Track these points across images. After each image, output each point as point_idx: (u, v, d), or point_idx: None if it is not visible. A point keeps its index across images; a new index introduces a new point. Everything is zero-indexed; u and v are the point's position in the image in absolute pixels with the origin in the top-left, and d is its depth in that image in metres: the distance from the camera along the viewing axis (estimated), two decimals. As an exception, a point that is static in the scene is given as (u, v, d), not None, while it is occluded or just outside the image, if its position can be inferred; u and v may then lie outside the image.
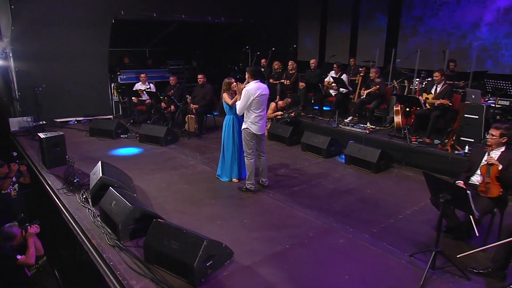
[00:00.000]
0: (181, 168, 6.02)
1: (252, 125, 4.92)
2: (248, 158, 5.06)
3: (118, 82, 9.61)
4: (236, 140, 5.34)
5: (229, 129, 5.33)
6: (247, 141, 4.99)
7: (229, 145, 5.37)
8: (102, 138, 7.64)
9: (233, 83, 5.30)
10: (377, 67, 7.48)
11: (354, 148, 6.23)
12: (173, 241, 3.37)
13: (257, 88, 4.81)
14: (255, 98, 4.78)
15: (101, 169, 4.84)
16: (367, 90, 7.43)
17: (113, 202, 4.12)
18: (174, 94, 8.19)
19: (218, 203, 4.80)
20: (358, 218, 4.46)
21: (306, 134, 7.05)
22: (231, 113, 5.32)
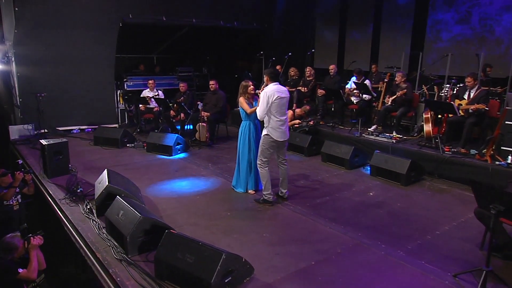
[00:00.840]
0: (192, 178, 5.95)
1: (274, 131, 4.82)
2: (262, 167, 4.95)
3: (125, 89, 9.64)
4: (252, 148, 5.25)
5: (245, 136, 5.25)
6: (265, 149, 4.89)
7: (244, 153, 5.27)
8: (107, 147, 7.60)
9: (251, 86, 5.23)
10: (403, 71, 7.35)
11: (380, 158, 6.07)
12: (188, 255, 3.22)
13: (276, 91, 4.74)
14: (274, 101, 4.71)
15: (107, 177, 4.75)
16: (392, 97, 7.29)
17: (121, 212, 4.00)
18: (184, 101, 8.16)
19: (234, 216, 4.69)
20: (389, 233, 4.27)
21: (326, 143, 6.92)
22: (247, 119, 5.25)
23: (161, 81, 9.88)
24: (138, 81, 9.83)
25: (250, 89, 5.23)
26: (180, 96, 8.51)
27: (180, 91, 8.64)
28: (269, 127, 4.82)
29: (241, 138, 5.28)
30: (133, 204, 4.08)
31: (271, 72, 4.87)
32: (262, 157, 4.92)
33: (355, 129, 7.65)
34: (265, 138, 4.87)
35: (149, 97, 8.79)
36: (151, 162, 6.74)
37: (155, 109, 8.78)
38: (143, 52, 11.58)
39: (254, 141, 5.23)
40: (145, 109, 8.84)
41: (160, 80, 9.80)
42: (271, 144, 4.85)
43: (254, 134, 5.24)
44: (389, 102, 7.37)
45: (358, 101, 8.27)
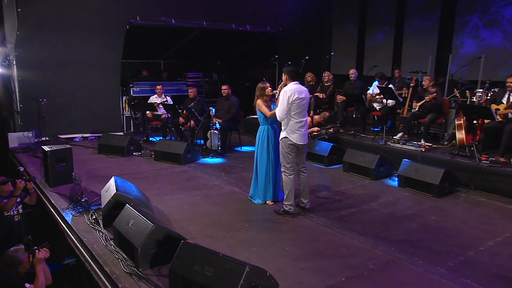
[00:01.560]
0: (205, 188, 5.86)
1: (292, 133, 4.72)
2: (286, 174, 4.82)
3: (131, 95, 9.63)
4: (271, 155, 5.15)
5: (263, 141, 5.16)
6: (285, 153, 4.77)
7: (263, 160, 5.17)
8: (112, 156, 7.56)
9: (268, 87, 5.15)
10: (430, 75, 7.23)
11: (410, 167, 5.92)
12: (207, 267, 3.07)
13: (296, 91, 4.66)
14: (294, 102, 4.62)
15: (115, 185, 4.66)
16: (420, 102, 7.16)
17: (131, 221, 3.88)
18: (195, 107, 8.11)
19: (252, 227, 4.57)
20: (426, 248, 4.11)
21: (349, 152, 6.80)
22: (265, 123, 5.16)
23: (169, 87, 9.88)
24: (145, 87, 9.84)
25: (268, 91, 5.14)
26: (190, 102, 8.47)
27: (190, 97, 8.62)
28: (287, 129, 4.73)
29: (259, 144, 5.18)
30: (144, 213, 3.97)
31: (290, 70, 4.78)
32: (285, 162, 4.80)
33: (379, 137, 7.51)
34: (283, 142, 4.77)
35: (157, 103, 8.76)
36: (159, 171, 6.67)
37: (163, 116, 8.75)
38: (149, 57, 11.62)
39: (273, 147, 5.13)
40: (152, 116, 8.81)
41: (168, 86, 9.80)
42: (291, 147, 4.75)
43: (273, 139, 5.13)
44: (417, 108, 7.24)
45: (381, 107, 8.14)
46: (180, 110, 8.26)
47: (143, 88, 9.83)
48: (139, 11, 9.06)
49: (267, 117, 5.07)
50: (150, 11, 9.22)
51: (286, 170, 4.82)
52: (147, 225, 3.67)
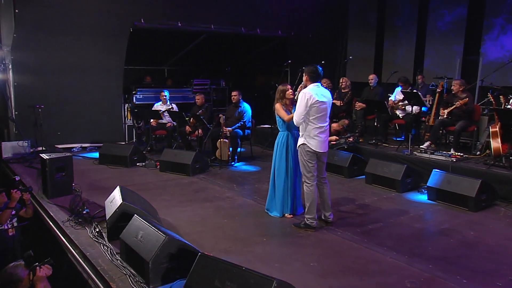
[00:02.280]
0: (216, 200, 5.78)
1: (311, 139, 4.62)
2: (308, 185, 4.71)
3: (134, 102, 9.60)
4: (290, 163, 5.05)
5: (282, 149, 5.06)
6: (305, 161, 4.67)
7: (281, 170, 5.07)
8: (114, 166, 7.49)
9: (289, 90, 5.08)
10: (461, 79, 7.13)
11: (441, 178, 5.79)
12: (229, 282, 2.94)
13: (316, 93, 4.58)
14: (313, 105, 4.53)
15: (120, 195, 4.55)
16: (448, 109, 7.04)
17: (140, 233, 3.76)
18: (203, 114, 8.04)
19: (271, 242, 4.47)
20: (468, 266, 3.96)
21: (372, 162, 6.68)
22: (284, 128, 5.08)
23: (174, 94, 9.81)
24: (149, 94, 9.81)
25: (289, 93, 5.07)
26: (198, 109, 8.41)
27: (197, 104, 8.58)
28: (305, 135, 4.65)
29: (277, 152, 5.09)
30: (154, 224, 3.85)
31: (311, 70, 4.69)
32: (305, 171, 4.69)
33: (403, 147, 7.40)
34: (302, 149, 4.67)
35: (162, 111, 8.72)
36: (166, 183, 6.61)
37: (168, 124, 8.70)
38: (153, 64, 11.63)
39: (293, 155, 5.02)
40: (156, 125, 8.75)
41: (173, 93, 9.71)
42: (310, 155, 4.64)
43: (293, 147, 5.03)
44: (445, 114, 7.12)
45: (404, 115, 8.03)
46: (187, 118, 8.18)
47: (147, 95, 9.80)
48: (144, 14, 9.08)
49: (285, 121, 4.99)
50: (155, 13, 9.25)
51: (307, 180, 4.70)
52: (159, 237, 3.54)
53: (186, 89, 10.60)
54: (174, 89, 10.26)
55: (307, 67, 4.74)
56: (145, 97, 9.77)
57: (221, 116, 7.48)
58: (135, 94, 9.70)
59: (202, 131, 8.02)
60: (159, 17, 9.30)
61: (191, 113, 8.32)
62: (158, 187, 6.35)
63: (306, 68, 4.73)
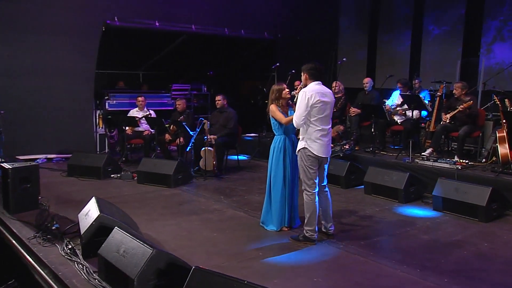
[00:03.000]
0: (203, 212, 5.66)
1: (312, 143, 4.55)
2: (308, 193, 4.62)
3: (106, 108, 9.38)
4: (287, 171, 4.96)
5: (278, 155, 4.96)
6: (306, 167, 4.58)
7: (278, 178, 4.95)
8: (85, 178, 7.27)
9: (285, 89, 5.02)
10: (462, 82, 7.20)
11: (448, 187, 5.79)
12: (229, 299, 2.77)
13: (318, 92, 4.52)
14: (315, 105, 4.48)
15: (97, 206, 4.37)
16: (451, 113, 7.09)
17: (122, 247, 3.57)
18: (184, 121, 7.91)
19: (268, 256, 4.33)
20: (486, 280, 3.92)
21: (371, 170, 6.67)
22: (281, 132, 5.01)
23: (151, 99, 9.63)
24: (123, 99, 9.61)
25: (285, 93, 5.00)
26: (178, 115, 8.30)
27: (178, 110, 8.48)
28: (306, 138, 4.57)
29: (273, 158, 4.99)
30: (139, 236, 3.66)
31: (311, 68, 4.64)
32: (306, 179, 4.60)
33: (404, 155, 7.40)
34: (302, 153, 4.59)
35: (139, 117, 8.56)
36: (145, 195, 6.45)
37: (145, 132, 8.56)
38: (126, 68, 11.45)
39: (291, 161, 4.94)
40: (132, 133, 8.58)
41: (149, 98, 9.54)
42: (311, 160, 4.56)
43: (290, 152, 4.95)
44: (447, 119, 7.16)
45: (403, 120, 8.06)
46: (167, 125, 8.04)
47: (121, 100, 9.58)
48: (117, 11, 8.95)
49: (283, 124, 4.91)
50: (130, 11, 9.14)
51: (308, 188, 4.61)
52: (145, 250, 3.36)
53: (164, 95, 10.44)
54: (152, 94, 10.10)
55: (306, 64, 4.69)
56: (119, 102, 9.56)
57: (205, 122, 7.34)
58: (107, 99, 9.48)
59: (183, 139, 7.88)
60: (134, 15, 9.18)
61: (171, 120, 8.20)
62: (137, 200, 6.18)
63: (305, 65, 4.68)
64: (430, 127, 7.78)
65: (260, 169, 8.21)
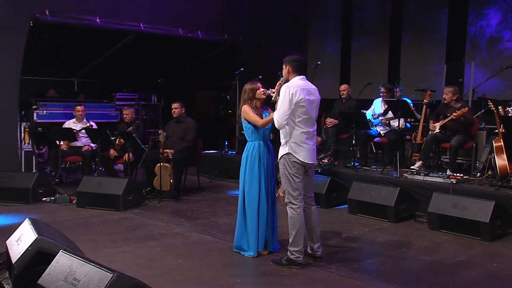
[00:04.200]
0: (162, 237, 5.51)
1: (298, 147, 4.48)
2: (294, 206, 4.51)
3: (34, 120, 8.99)
4: (264, 183, 4.86)
5: (252, 164, 4.87)
6: (290, 176, 4.49)
7: (253, 192, 4.84)
8: (9, 203, 6.91)
9: (259, 88, 4.95)
10: (453, 86, 7.38)
11: (444, 203, 5.85)
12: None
13: (302, 88, 4.48)
14: (300, 103, 4.44)
15: (32, 228, 4.06)
16: (442, 121, 7.24)
17: (72, 274, 3.28)
18: (135, 133, 7.69)
19: (247, 284, 4.25)
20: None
21: (355, 186, 6.71)
22: (255, 137, 4.93)
23: (91, 110, 9.32)
24: (56, 110, 9.26)
25: (259, 93, 4.93)
26: (126, 127, 8.09)
27: (125, 121, 8.30)
28: (290, 142, 4.50)
29: (247, 168, 4.89)
30: (91, 260, 3.39)
31: (295, 59, 4.59)
32: (291, 189, 4.50)
33: (391, 169, 7.48)
34: (286, 160, 4.51)
35: (77, 130, 8.31)
36: (89, 220, 6.21)
37: (84, 148, 8.31)
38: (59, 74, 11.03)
39: (267, 172, 4.87)
40: (67, 149, 8.30)
41: (90, 109, 9.22)
42: (297, 167, 4.48)
43: (266, 161, 4.88)
44: (436, 128, 7.30)
45: (386, 131, 8.16)
46: (113, 138, 7.82)
47: (53, 111, 9.19)
48: (49, 3, 8.62)
49: (259, 126, 4.83)
50: (66, 3, 8.84)
51: (293, 200, 4.51)
52: (103, 275, 3.09)
53: (106, 105, 10.20)
54: (91, 104, 9.78)
55: (288, 56, 4.65)
56: (51, 113, 9.18)
57: (160, 132, 7.13)
58: (36, 109, 9.07)
59: (133, 155, 7.67)
60: (70, 9, 8.87)
61: (118, 131, 7.97)
62: (79, 226, 5.92)
63: (287, 57, 4.65)
64: (417, 138, 7.90)
65: (224, 189, 8.24)
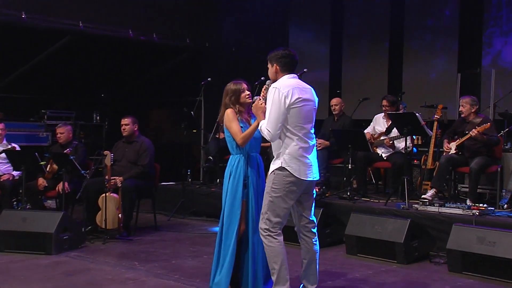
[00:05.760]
0: (110, 284, 5.49)
1: (293, 160, 4.47)
2: (271, 236, 4.49)
3: None
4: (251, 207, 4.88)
5: (236, 182, 4.87)
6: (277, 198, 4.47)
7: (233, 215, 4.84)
8: None
9: (245, 90, 5.01)
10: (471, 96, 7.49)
11: (467, 237, 5.83)
12: None
13: (296, 87, 4.53)
14: (294, 106, 4.45)
15: None
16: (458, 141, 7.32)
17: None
18: (73, 155, 7.62)
19: None
20: None
21: (355, 219, 6.72)
22: (239, 150, 4.93)
23: (12, 130, 9.36)
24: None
25: (244, 96, 4.98)
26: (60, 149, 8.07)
27: (59, 142, 8.28)
28: (283, 155, 4.49)
29: (229, 188, 4.89)
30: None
31: (283, 55, 4.63)
32: (271, 214, 4.47)
33: (396, 200, 7.50)
34: (278, 177, 4.48)
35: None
36: (9, 266, 6.16)
37: (3, 177, 8.24)
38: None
39: (255, 191, 4.89)
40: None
41: (11, 129, 9.25)
42: (289, 187, 4.46)
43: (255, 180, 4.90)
44: (452, 148, 7.38)
45: (390, 154, 8.18)
46: (43, 162, 7.74)
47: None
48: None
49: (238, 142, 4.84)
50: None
51: (271, 228, 4.48)
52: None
53: (34, 124, 10.26)
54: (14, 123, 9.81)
55: (274, 52, 4.70)
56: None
57: (106, 153, 7.10)
58: None
59: (69, 185, 7.59)
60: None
61: (50, 154, 7.95)
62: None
63: (273, 53, 4.69)
64: (428, 163, 7.97)
65: (188, 228, 8.24)
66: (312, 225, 4.76)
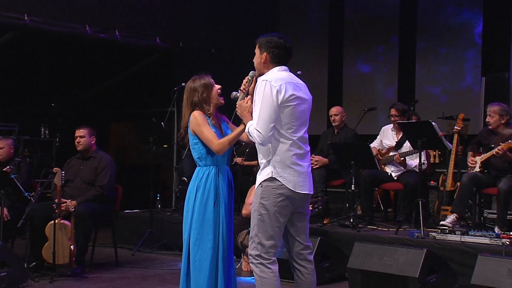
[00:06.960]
0: None
1: (286, 170, 4.46)
2: (264, 263, 4.47)
3: None
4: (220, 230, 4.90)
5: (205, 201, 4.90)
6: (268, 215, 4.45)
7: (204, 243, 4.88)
8: None
9: (214, 84, 5.10)
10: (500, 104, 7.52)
11: (495, 269, 5.77)
12: None
13: (289, 82, 4.54)
14: (287, 104, 4.46)
15: None
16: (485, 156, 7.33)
17: None
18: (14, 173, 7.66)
19: None
20: None
21: (359, 249, 6.69)
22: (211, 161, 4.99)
23: None
24: None
25: (216, 91, 5.06)
26: (0, 167, 8.05)
27: None
28: (274, 162, 4.47)
29: (196, 207, 4.91)
30: None
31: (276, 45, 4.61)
32: (263, 237, 4.43)
33: (409, 227, 7.51)
34: (267, 190, 4.46)
35: None
36: None
37: None
38: None
39: (227, 209, 4.96)
40: None
41: None
42: (281, 201, 4.43)
43: (226, 197, 4.94)
44: (477, 165, 7.37)
45: (401, 173, 8.19)
46: None
47: None
48: None
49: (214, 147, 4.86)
50: None
51: (264, 254, 4.45)
52: None
53: None
54: None
55: (265, 36, 4.71)
56: None
57: (57, 170, 7.07)
58: None
59: (9, 211, 7.66)
60: None
61: None
62: None
63: (262, 38, 4.70)
64: (447, 184, 7.95)
65: (156, 264, 8.24)
66: (308, 251, 4.72)
